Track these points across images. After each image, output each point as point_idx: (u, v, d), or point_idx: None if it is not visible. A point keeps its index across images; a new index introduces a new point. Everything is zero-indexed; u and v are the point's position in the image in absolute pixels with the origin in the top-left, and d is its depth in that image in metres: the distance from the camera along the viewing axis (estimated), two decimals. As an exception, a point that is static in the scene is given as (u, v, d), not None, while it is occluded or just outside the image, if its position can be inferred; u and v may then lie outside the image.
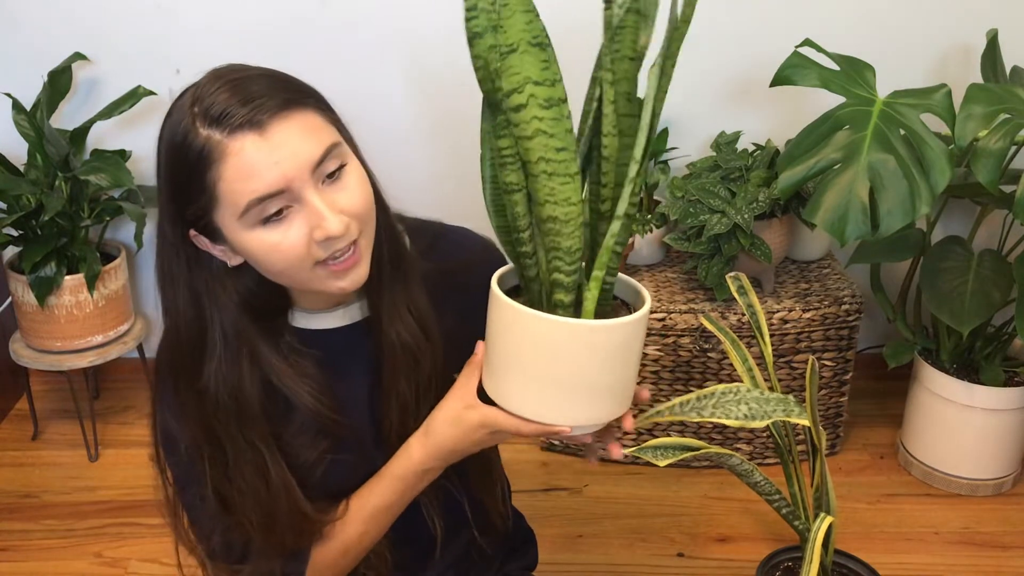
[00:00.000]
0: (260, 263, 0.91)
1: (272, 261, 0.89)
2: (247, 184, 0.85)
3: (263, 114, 0.85)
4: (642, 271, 2.04)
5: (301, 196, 0.87)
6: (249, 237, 0.88)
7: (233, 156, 0.85)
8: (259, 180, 0.85)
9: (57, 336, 1.98)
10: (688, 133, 2.09)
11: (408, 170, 2.15)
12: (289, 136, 0.86)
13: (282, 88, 0.88)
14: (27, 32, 2.03)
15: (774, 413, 1.02)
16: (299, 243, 0.88)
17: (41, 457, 2.09)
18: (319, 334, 1.03)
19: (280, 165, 0.85)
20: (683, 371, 1.91)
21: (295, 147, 0.86)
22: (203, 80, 0.89)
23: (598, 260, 0.85)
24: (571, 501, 1.91)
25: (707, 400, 1.04)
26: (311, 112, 0.89)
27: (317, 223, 0.87)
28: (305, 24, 2.00)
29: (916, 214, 1.57)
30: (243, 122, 0.84)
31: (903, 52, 1.99)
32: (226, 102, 0.85)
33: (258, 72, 0.90)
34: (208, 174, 0.86)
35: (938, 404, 1.89)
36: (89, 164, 1.92)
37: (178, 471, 1.03)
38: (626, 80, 0.83)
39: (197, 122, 0.85)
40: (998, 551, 1.78)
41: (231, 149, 0.85)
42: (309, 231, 0.88)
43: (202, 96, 0.86)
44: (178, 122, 0.87)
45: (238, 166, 0.85)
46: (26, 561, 1.78)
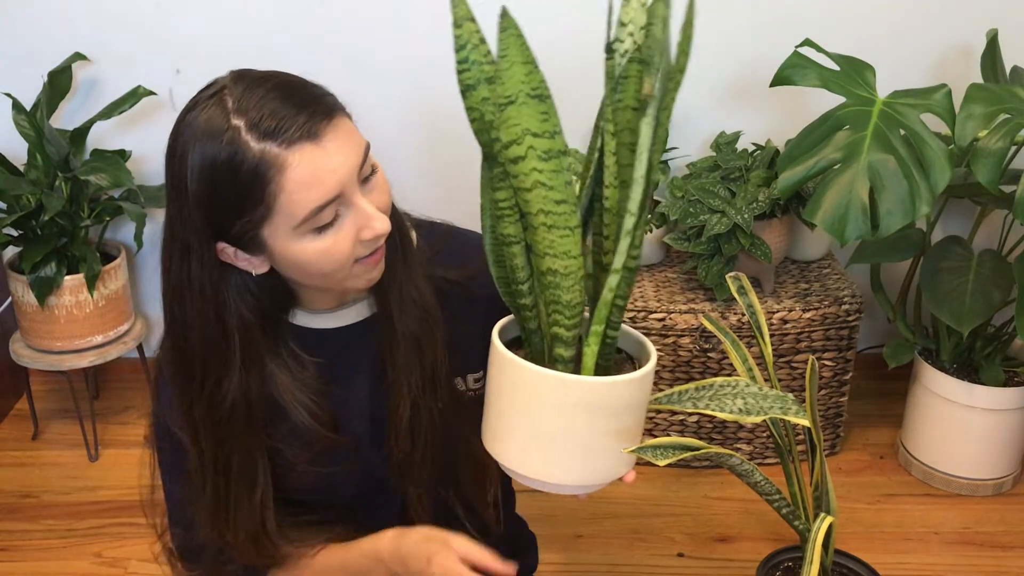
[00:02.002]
0: (304, 269, 0.91)
1: (320, 265, 0.91)
2: (308, 194, 0.86)
3: (316, 124, 0.86)
4: (642, 271, 2.04)
5: (350, 200, 0.89)
6: (299, 245, 0.89)
7: (293, 168, 0.85)
8: (319, 189, 0.86)
9: (57, 336, 1.98)
10: (688, 133, 2.09)
11: (408, 170, 2.15)
12: (339, 143, 0.88)
13: (320, 96, 0.90)
14: (27, 32, 2.03)
15: (771, 410, 1.01)
16: (347, 245, 0.90)
17: (41, 457, 2.09)
18: (323, 333, 1.03)
19: (336, 172, 0.87)
20: (683, 371, 1.91)
21: (346, 153, 0.88)
22: (227, 89, 0.88)
23: (597, 314, 0.84)
24: (571, 501, 1.91)
25: (704, 392, 1.03)
26: (346, 116, 0.91)
27: (365, 223, 0.90)
28: (305, 24, 2.00)
29: (916, 214, 1.57)
30: (300, 134, 0.85)
31: (903, 52, 1.99)
32: (276, 113, 0.85)
33: (289, 79, 0.91)
34: (268, 188, 0.85)
35: (938, 404, 1.89)
36: (89, 164, 1.92)
37: (165, 460, 1.05)
38: (628, 131, 0.82)
39: (247, 135, 0.85)
40: (998, 551, 1.78)
41: (290, 161, 0.85)
42: (356, 232, 0.90)
43: (245, 108, 0.86)
44: (216, 136, 0.85)
45: (299, 178, 0.85)
46: (26, 561, 1.79)
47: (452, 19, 0.81)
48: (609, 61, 0.81)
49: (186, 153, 0.88)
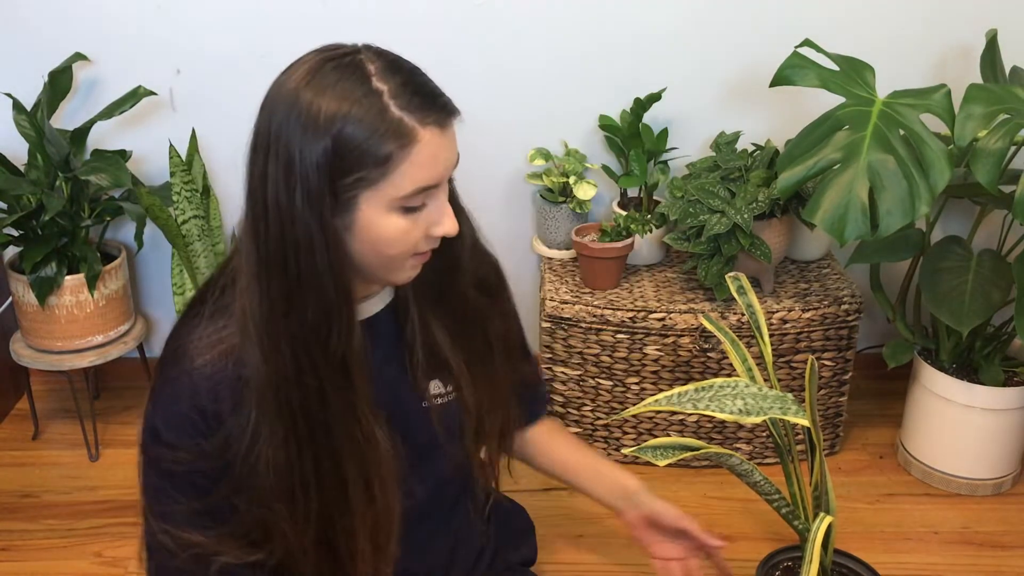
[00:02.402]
0: (377, 243, 0.95)
1: (391, 244, 0.95)
2: (423, 172, 0.92)
3: (447, 116, 0.95)
4: (642, 271, 2.04)
5: (437, 193, 0.97)
6: (386, 219, 0.94)
7: (422, 144, 0.92)
8: (433, 171, 0.94)
9: (57, 336, 1.98)
10: (688, 133, 2.09)
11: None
12: (454, 139, 0.97)
13: (446, 94, 0.97)
14: (27, 32, 2.03)
15: (771, 410, 1.02)
16: (419, 234, 0.97)
17: (41, 457, 2.09)
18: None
19: (448, 162, 0.96)
20: (683, 371, 1.91)
21: (455, 150, 0.98)
22: (364, 57, 0.92)
23: None
24: (571, 501, 1.91)
25: (704, 392, 1.04)
26: (457, 120, 0.98)
27: (438, 220, 0.98)
28: (306, 23, 2.01)
29: (916, 214, 1.57)
30: (435, 119, 0.93)
31: (903, 52, 2.00)
32: (419, 92, 0.92)
33: (421, 69, 0.97)
34: (395, 154, 0.90)
35: (938, 404, 1.89)
36: (89, 164, 1.92)
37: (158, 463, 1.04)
38: None
39: (388, 101, 0.90)
40: (997, 551, 1.78)
41: (421, 137, 0.91)
42: (428, 226, 0.97)
43: (386, 78, 0.91)
44: (355, 98, 0.89)
45: (424, 154, 0.92)
46: (26, 561, 1.79)
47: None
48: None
49: (317, 106, 0.90)
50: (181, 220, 1.92)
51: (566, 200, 2.05)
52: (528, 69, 2.05)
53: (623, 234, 1.93)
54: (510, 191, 2.17)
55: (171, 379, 1.01)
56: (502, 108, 2.08)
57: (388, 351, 1.10)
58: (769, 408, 1.02)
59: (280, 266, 0.94)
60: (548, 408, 1.41)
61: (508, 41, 2.03)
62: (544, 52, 2.04)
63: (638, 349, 1.89)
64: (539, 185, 2.11)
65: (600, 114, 2.05)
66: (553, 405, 1.99)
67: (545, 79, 2.06)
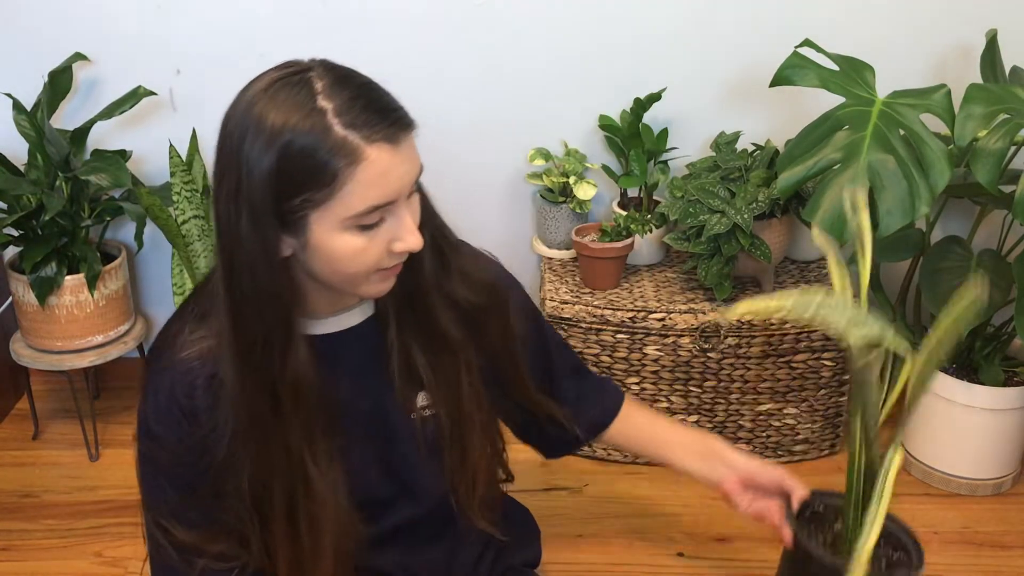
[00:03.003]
0: (334, 263, 0.93)
1: (349, 263, 0.93)
2: (372, 191, 0.89)
3: (400, 131, 0.91)
4: (642, 271, 2.04)
5: (398, 210, 0.93)
6: (340, 238, 0.91)
7: (368, 163, 0.88)
8: (384, 189, 0.90)
9: (57, 336, 1.98)
10: (688, 133, 2.09)
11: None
12: (410, 154, 0.93)
13: (401, 107, 0.94)
14: (27, 32, 2.03)
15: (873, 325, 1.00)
16: (380, 251, 0.94)
17: (41, 457, 2.09)
18: (314, 339, 1.04)
19: (402, 179, 0.92)
20: (683, 371, 1.91)
21: (412, 165, 0.93)
22: (314, 73, 0.91)
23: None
24: (571, 501, 1.91)
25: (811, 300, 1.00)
26: (414, 132, 0.96)
27: (400, 236, 0.94)
28: (306, 23, 2.01)
29: (916, 214, 1.57)
30: (383, 135, 0.89)
31: (903, 52, 1.99)
32: (367, 109, 0.90)
33: (374, 82, 0.95)
34: (339, 174, 0.88)
35: (937, 404, 1.89)
36: (89, 164, 1.92)
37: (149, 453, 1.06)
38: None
39: (331, 119, 0.88)
40: (997, 551, 1.78)
41: (367, 156, 0.88)
42: (389, 241, 0.94)
43: (331, 94, 0.89)
44: (299, 116, 0.88)
45: (372, 172, 0.89)
46: (26, 561, 1.79)
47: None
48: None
49: (262, 122, 0.89)
50: (181, 220, 1.92)
51: (566, 200, 2.05)
52: (528, 69, 2.05)
53: (623, 234, 1.93)
54: (510, 191, 2.17)
55: (154, 372, 1.04)
56: (502, 108, 2.08)
57: (370, 362, 1.08)
58: (871, 324, 1.00)
59: (229, 283, 0.95)
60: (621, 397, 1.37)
61: (508, 41, 2.03)
62: (544, 52, 2.04)
63: (638, 349, 1.89)
64: (539, 185, 2.11)
65: (600, 114, 2.05)
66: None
67: (545, 79, 2.06)
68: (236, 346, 0.96)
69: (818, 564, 1.09)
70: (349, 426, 1.07)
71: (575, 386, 1.29)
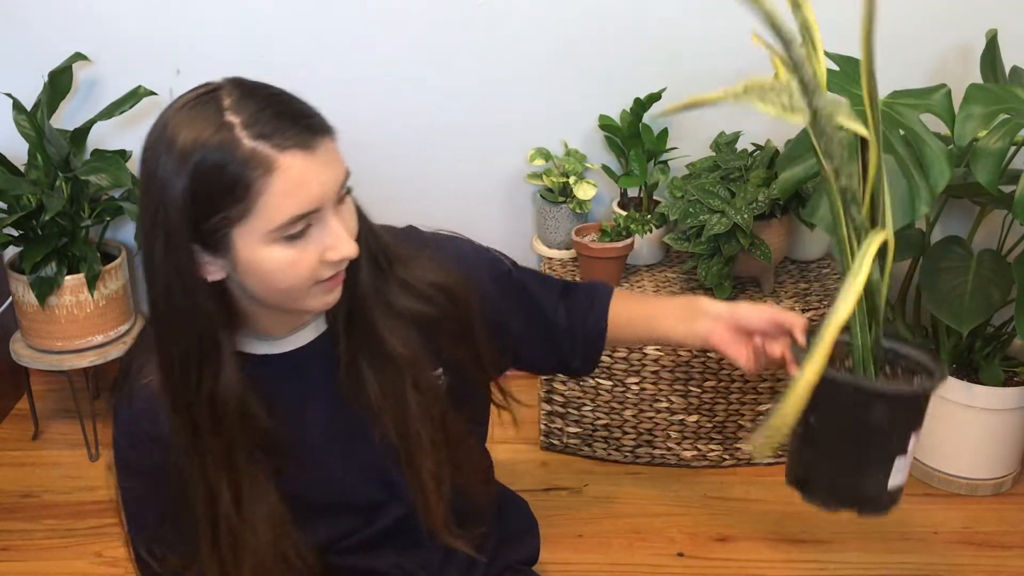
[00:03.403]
0: (265, 279, 0.91)
1: (281, 278, 0.91)
2: (291, 200, 0.87)
3: (313, 136, 0.88)
4: (641, 271, 2.04)
5: (324, 217, 0.90)
6: (266, 253, 0.89)
7: (282, 172, 0.86)
8: (302, 198, 0.87)
9: (57, 336, 1.98)
10: (688, 133, 2.09)
11: (413, 165, 2.15)
12: (329, 159, 0.90)
13: (315, 113, 0.91)
14: (27, 32, 2.03)
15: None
16: (312, 262, 0.91)
17: (41, 457, 2.09)
18: (272, 358, 1.03)
19: (323, 186, 0.88)
20: (683, 371, 1.91)
21: (333, 170, 0.90)
22: (223, 91, 0.89)
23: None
24: (571, 501, 1.91)
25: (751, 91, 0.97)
26: (334, 138, 0.93)
27: (332, 244, 0.91)
28: (306, 23, 2.01)
29: (916, 214, 1.57)
30: (295, 142, 0.87)
31: (903, 52, 1.99)
32: (275, 118, 0.87)
33: (284, 92, 0.92)
34: (253, 186, 0.86)
35: (938, 404, 1.88)
36: (89, 164, 1.92)
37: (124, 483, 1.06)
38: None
39: (239, 133, 0.86)
40: (998, 551, 1.78)
41: (280, 164, 0.86)
42: (321, 251, 0.91)
43: (238, 108, 0.87)
44: (207, 132, 0.86)
45: (287, 180, 0.86)
46: (26, 561, 1.79)
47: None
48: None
49: (173, 143, 0.87)
50: (181, 220, 1.92)
51: (566, 200, 2.05)
52: (528, 69, 2.05)
53: (623, 234, 1.93)
54: (510, 191, 2.17)
55: (119, 401, 1.04)
56: (502, 108, 2.08)
57: (331, 376, 1.05)
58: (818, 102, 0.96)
59: (152, 306, 0.95)
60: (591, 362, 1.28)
61: (508, 41, 2.03)
62: (544, 52, 2.04)
63: (638, 349, 1.89)
64: (539, 185, 2.11)
65: (600, 114, 2.05)
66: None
67: (545, 79, 2.06)
68: (161, 368, 0.96)
69: (837, 386, 0.97)
70: (321, 441, 1.07)
71: (566, 310, 1.23)
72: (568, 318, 1.21)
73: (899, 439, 0.99)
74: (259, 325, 1.01)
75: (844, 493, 1.03)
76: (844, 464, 0.95)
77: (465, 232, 1.19)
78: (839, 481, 1.02)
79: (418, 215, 1.23)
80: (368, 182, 2.24)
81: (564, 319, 1.21)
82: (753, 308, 1.10)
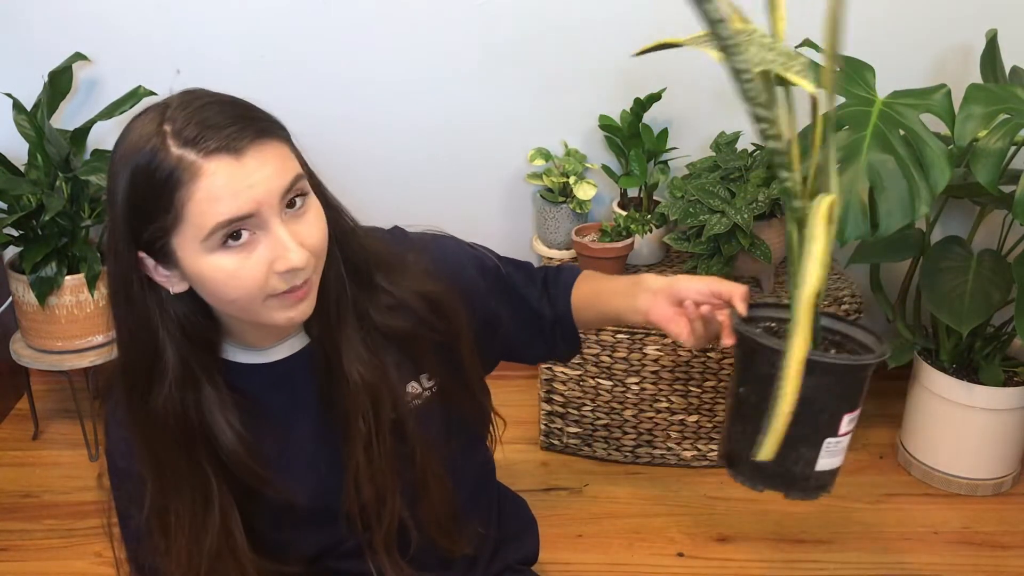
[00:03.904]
0: (213, 291, 0.90)
1: (228, 289, 0.89)
2: (217, 206, 0.85)
3: (240, 140, 0.86)
4: (642, 271, 2.04)
5: (267, 224, 0.88)
6: (207, 262, 0.88)
7: (207, 177, 0.84)
8: (231, 203, 0.85)
9: (58, 336, 1.98)
10: (688, 133, 2.09)
11: (413, 166, 2.15)
12: (263, 162, 0.87)
13: (256, 117, 0.89)
14: (27, 32, 2.03)
15: (773, 63, 0.95)
16: (258, 273, 0.88)
17: (41, 457, 2.09)
18: (254, 368, 1.02)
19: (253, 189, 0.86)
20: (683, 371, 1.91)
21: (268, 173, 0.87)
22: (171, 101, 0.89)
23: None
24: (571, 501, 1.91)
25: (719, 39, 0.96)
26: (281, 142, 0.90)
27: (280, 254, 0.88)
28: (307, 23, 2.01)
29: (916, 214, 1.57)
30: (220, 146, 0.85)
31: (903, 52, 1.99)
32: (202, 124, 0.85)
33: (230, 99, 0.90)
34: (178, 193, 0.85)
35: (938, 404, 1.89)
36: (90, 164, 1.92)
37: (119, 493, 1.06)
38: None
39: (169, 141, 0.85)
40: (997, 551, 1.78)
41: (205, 170, 0.84)
42: (270, 262, 0.88)
43: (174, 117, 0.86)
44: (144, 140, 0.86)
45: (211, 187, 0.85)
46: (26, 561, 1.79)
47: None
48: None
49: (118, 150, 0.89)
50: (181, 220, 1.92)
51: (566, 200, 2.05)
52: (528, 69, 2.05)
53: (623, 234, 1.93)
54: (510, 191, 2.17)
55: (110, 410, 1.04)
56: (502, 108, 2.08)
57: (309, 390, 1.04)
58: (772, 61, 0.95)
59: (113, 316, 0.95)
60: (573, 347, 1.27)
61: (508, 41, 2.03)
62: (544, 52, 2.04)
63: (638, 349, 1.89)
64: (539, 185, 2.11)
65: (600, 114, 2.05)
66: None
67: (545, 79, 2.06)
68: (120, 377, 0.97)
69: (766, 353, 0.93)
70: (310, 449, 1.06)
71: (548, 298, 1.22)
72: (551, 307, 1.21)
73: (830, 417, 0.95)
74: (243, 336, 1.00)
75: (770, 470, 0.96)
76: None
77: (465, 232, 1.19)
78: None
79: (418, 215, 1.22)
80: (368, 182, 2.25)
81: (548, 308, 1.21)
82: (692, 280, 1.08)
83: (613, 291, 1.16)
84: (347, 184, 1.04)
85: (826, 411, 0.94)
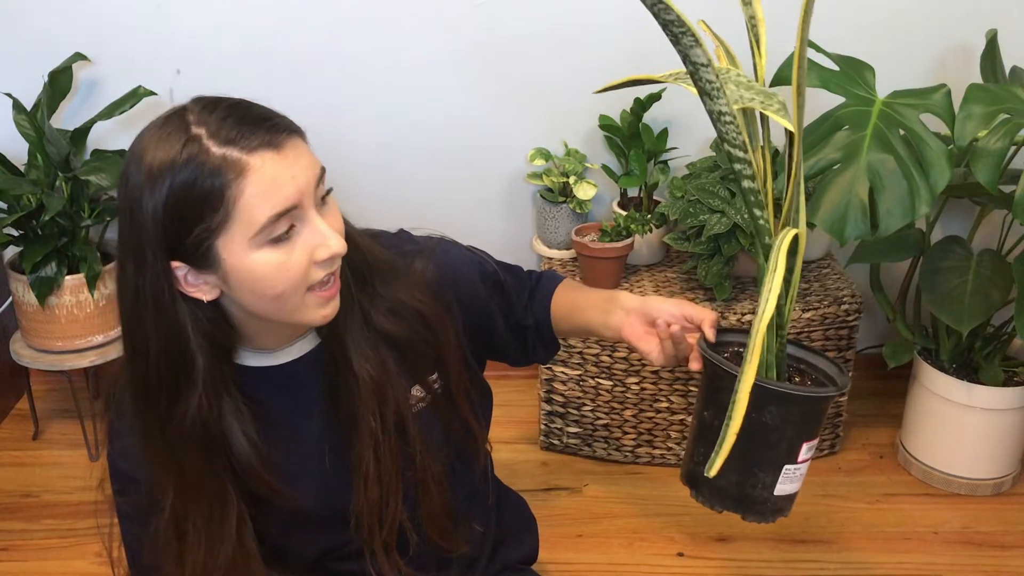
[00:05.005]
0: (257, 287, 0.91)
1: (274, 283, 0.91)
2: (268, 199, 0.88)
3: (277, 135, 0.89)
4: (641, 271, 2.04)
5: (306, 215, 0.91)
6: (254, 258, 0.90)
7: (254, 172, 0.87)
8: (280, 194, 0.88)
9: (58, 336, 1.98)
10: (688, 133, 2.09)
11: (414, 165, 2.15)
12: (299, 155, 0.90)
13: (277, 114, 0.92)
14: (27, 32, 2.03)
15: (751, 101, 0.97)
16: (302, 263, 0.91)
17: (41, 457, 2.09)
18: (266, 371, 1.03)
19: (296, 179, 0.89)
20: (683, 371, 1.91)
21: (304, 163, 0.91)
22: (189, 109, 0.90)
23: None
24: (571, 501, 1.91)
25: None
26: (302, 138, 0.94)
27: (320, 242, 0.92)
28: (307, 23, 2.00)
29: (916, 214, 1.57)
30: (262, 141, 0.88)
31: (903, 52, 2.00)
32: (238, 123, 0.88)
33: (247, 101, 0.93)
34: (227, 192, 0.87)
35: (938, 404, 1.89)
36: (89, 164, 1.92)
37: (126, 507, 1.06)
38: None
39: (207, 143, 0.87)
40: (997, 551, 1.78)
41: (252, 166, 0.87)
42: (311, 251, 0.91)
43: (203, 121, 0.88)
44: (175, 149, 0.87)
45: (261, 181, 0.87)
46: (26, 561, 1.79)
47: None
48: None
49: (142, 163, 0.89)
50: (181, 220, 1.92)
51: (566, 200, 2.05)
52: (528, 69, 2.05)
53: (623, 234, 1.93)
54: (510, 191, 2.17)
55: (114, 417, 1.04)
56: (502, 108, 2.08)
57: (317, 391, 1.05)
58: (751, 100, 0.97)
59: (124, 328, 0.95)
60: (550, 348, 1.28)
61: (508, 41, 2.03)
62: (544, 52, 2.04)
63: (638, 349, 1.89)
64: (539, 185, 2.11)
65: (600, 114, 2.05)
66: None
67: (545, 79, 2.06)
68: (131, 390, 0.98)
69: (731, 381, 0.92)
70: (317, 450, 1.06)
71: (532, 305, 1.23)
72: (532, 315, 1.22)
73: (789, 445, 0.97)
74: (260, 339, 1.01)
75: (729, 492, 1.01)
76: (731, 462, 0.90)
77: (465, 232, 1.19)
78: (725, 479, 0.98)
79: (418, 215, 1.23)
80: (368, 182, 2.25)
81: (531, 317, 1.22)
82: (664, 302, 1.11)
83: (590, 305, 1.18)
84: (347, 184, 1.04)
85: (785, 439, 0.97)
